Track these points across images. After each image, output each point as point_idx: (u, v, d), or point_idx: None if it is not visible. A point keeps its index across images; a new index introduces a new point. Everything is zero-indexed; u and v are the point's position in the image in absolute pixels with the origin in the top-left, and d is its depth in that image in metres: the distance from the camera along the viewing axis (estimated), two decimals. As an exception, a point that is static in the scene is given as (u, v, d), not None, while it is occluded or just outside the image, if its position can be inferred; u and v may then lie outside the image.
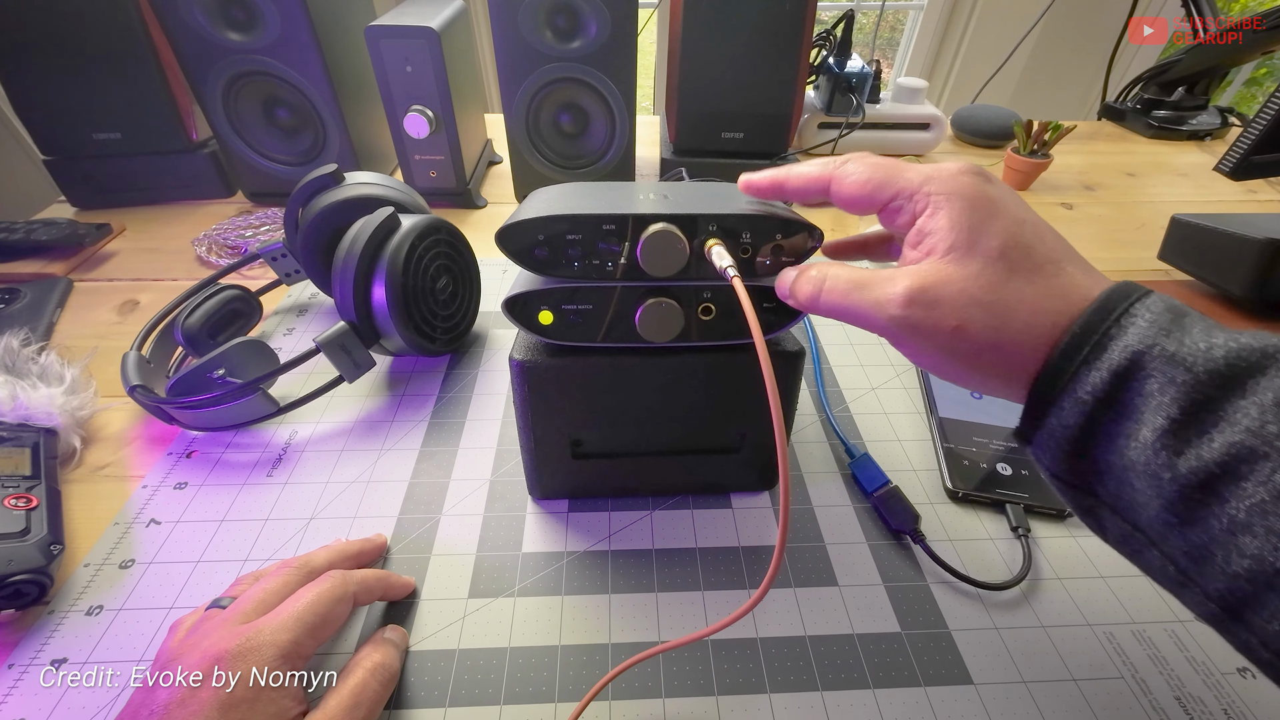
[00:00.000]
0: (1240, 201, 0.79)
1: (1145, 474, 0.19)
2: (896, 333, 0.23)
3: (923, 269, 0.23)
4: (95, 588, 0.33)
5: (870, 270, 0.24)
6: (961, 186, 0.23)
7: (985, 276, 0.22)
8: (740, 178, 0.29)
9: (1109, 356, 0.19)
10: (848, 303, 0.24)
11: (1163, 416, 0.18)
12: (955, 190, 0.23)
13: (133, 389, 0.41)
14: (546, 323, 0.31)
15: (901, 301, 0.22)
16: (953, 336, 0.22)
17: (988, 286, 0.22)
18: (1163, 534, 0.19)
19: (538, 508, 0.38)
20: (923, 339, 0.23)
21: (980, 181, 0.23)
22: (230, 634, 0.25)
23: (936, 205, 0.23)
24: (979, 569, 0.35)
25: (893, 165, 0.25)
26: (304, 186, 0.47)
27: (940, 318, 0.22)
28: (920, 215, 0.24)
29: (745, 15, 0.61)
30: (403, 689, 0.29)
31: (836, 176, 0.26)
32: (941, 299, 0.22)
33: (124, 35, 0.61)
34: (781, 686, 0.30)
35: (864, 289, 0.24)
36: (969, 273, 0.22)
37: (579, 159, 0.68)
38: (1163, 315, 0.20)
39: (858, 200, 0.25)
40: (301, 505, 0.38)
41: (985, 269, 0.22)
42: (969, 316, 0.22)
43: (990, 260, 0.22)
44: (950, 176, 0.23)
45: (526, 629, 0.32)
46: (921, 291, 0.22)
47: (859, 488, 0.39)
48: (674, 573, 0.35)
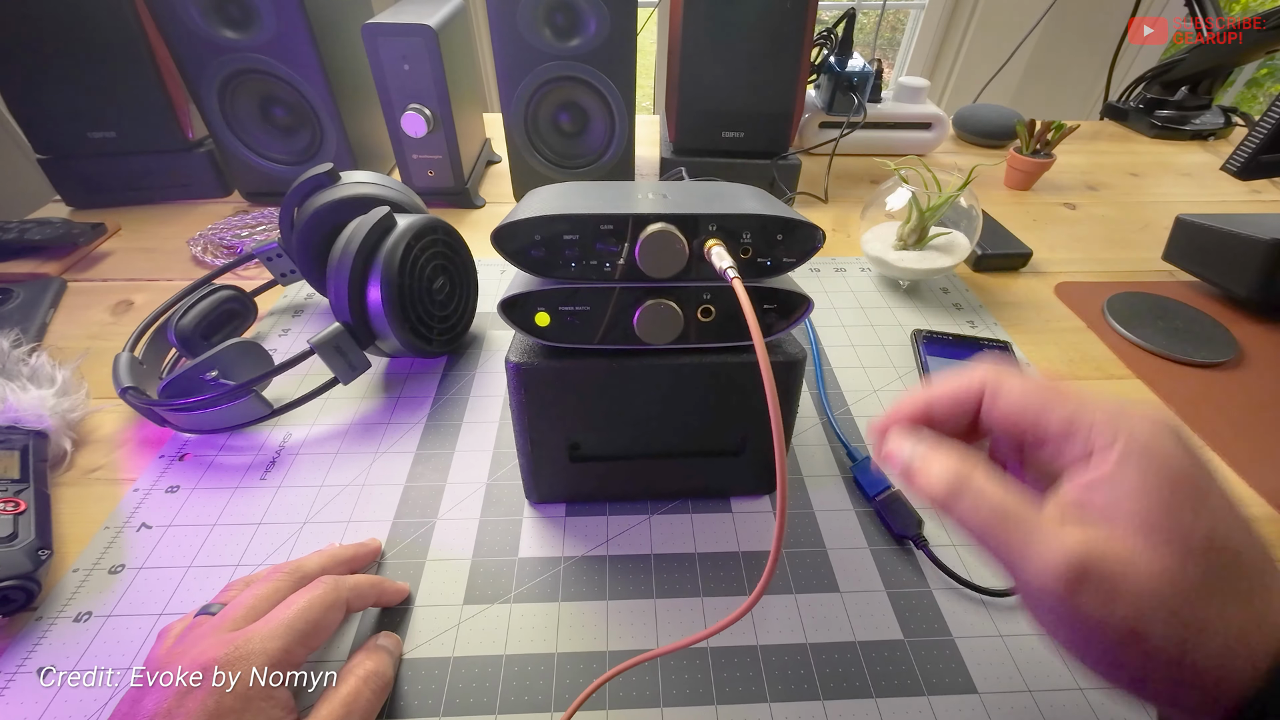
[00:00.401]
0: (1245, 201, 0.78)
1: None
2: (1044, 600, 0.18)
3: (1100, 539, 0.18)
4: (84, 593, 0.33)
5: (1026, 503, 0.19)
6: (1159, 445, 0.19)
7: (1184, 578, 0.17)
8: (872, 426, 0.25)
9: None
10: (989, 531, 0.19)
11: None
12: (1151, 447, 0.19)
13: (124, 391, 0.40)
14: (543, 324, 0.30)
15: (1068, 569, 0.17)
16: (1124, 640, 0.17)
17: (1185, 593, 0.17)
18: None
19: (535, 512, 0.38)
20: (1079, 625, 0.18)
21: (1181, 447, 0.19)
22: (220, 641, 0.24)
23: (1125, 455, 0.19)
24: (983, 575, 0.34)
25: (1064, 388, 0.21)
26: (299, 186, 0.46)
27: (1113, 613, 0.17)
28: (1098, 456, 0.19)
29: (746, 14, 0.60)
30: (396, 697, 0.29)
31: (993, 386, 0.22)
32: (1121, 591, 0.17)
33: (120, 34, 0.60)
34: (782, 695, 0.29)
35: (1017, 529, 0.19)
36: (1162, 566, 0.17)
37: (578, 158, 0.67)
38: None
39: (1022, 416, 0.21)
40: (295, 509, 0.37)
41: (1185, 568, 0.17)
42: (1153, 622, 0.17)
43: (1193, 557, 0.17)
44: (1144, 425, 0.19)
45: (522, 636, 0.31)
46: (1098, 568, 0.17)
47: (861, 492, 0.39)
48: (673, 578, 0.34)
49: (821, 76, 0.82)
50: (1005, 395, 0.22)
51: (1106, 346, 0.52)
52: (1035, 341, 0.52)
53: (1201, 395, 0.47)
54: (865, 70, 0.77)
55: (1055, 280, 0.61)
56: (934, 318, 0.54)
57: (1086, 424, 0.20)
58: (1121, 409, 0.20)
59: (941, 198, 0.53)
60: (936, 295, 0.57)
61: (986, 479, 0.20)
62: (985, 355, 0.49)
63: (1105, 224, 0.72)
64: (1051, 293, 0.59)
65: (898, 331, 0.53)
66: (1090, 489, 0.19)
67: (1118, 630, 0.17)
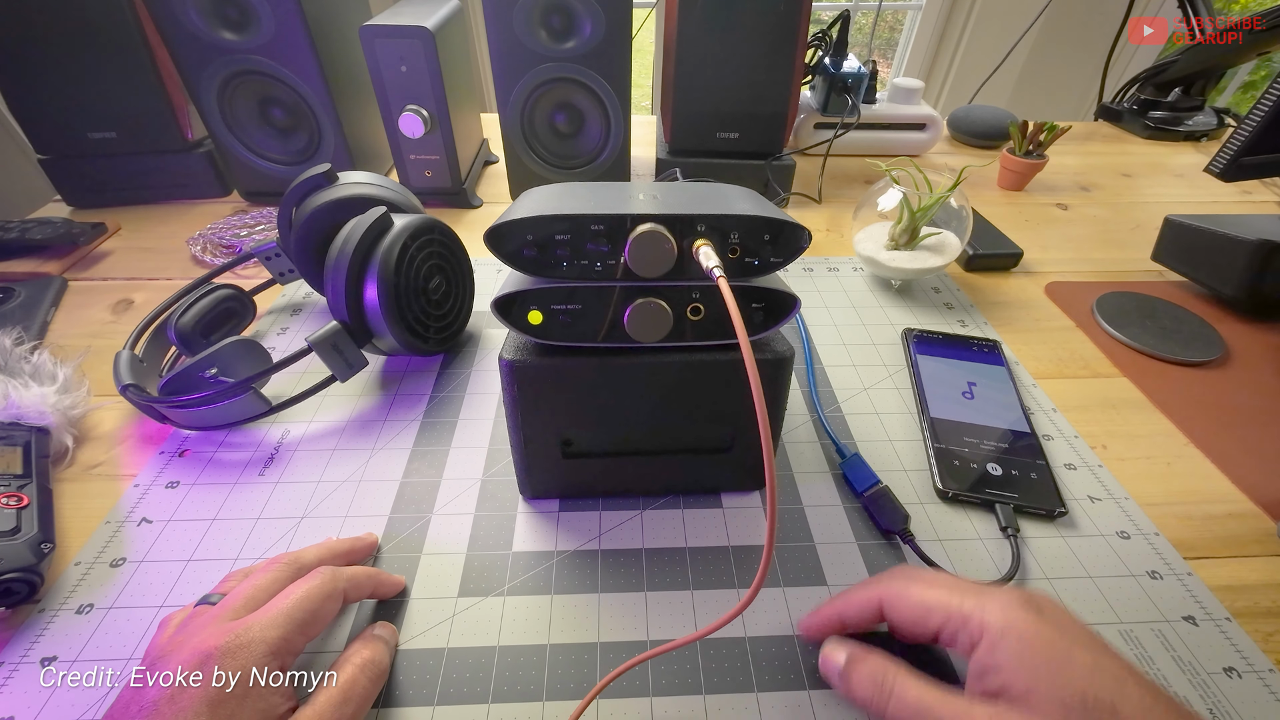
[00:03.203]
0: (1235, 202, 0.79)
1: None
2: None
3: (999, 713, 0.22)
4: (86, 586, 0.33)
5: (942, 696, 0.24)
6: (1016, 621, 0.23)
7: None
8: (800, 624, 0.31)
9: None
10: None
11: None
12: (1011, 623, 0.23)
13: (125, 388, 0.41)
14: (536, 323, 0.31)
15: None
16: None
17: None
18: None
19: (528, 507, 0.38)
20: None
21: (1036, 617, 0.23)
22: (219, 630, 0.25)
23: (1002, 638, 0.23)
24: (968, 569, 0.35)
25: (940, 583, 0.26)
26: (297, 186, 0.47)
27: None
28: (983, 644, 0.24)
29: (741, 15, 0.61)
30: (391, 687, 0.30)
31: (887, 599, 0.27)
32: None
33: (120, 35, 0.61)
34: (769, 685, 0.30)
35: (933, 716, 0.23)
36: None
37: (574, 159, 0.68)
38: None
39: (912, 625, 0.26)
40: (293, 504, 0.38)
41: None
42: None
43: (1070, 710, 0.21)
44: (1001, 608, 0.24)
45: (516, 628, 0.32)
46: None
47: (849, 487, 0.39)
48: (663, 572, 0.35)
49: (816, 78, 0.82)
50: (896, 609, 0.27)
51: (1095, 345, 0.53)
52: (1025, 340, 0.53)
53: (1188, 393, 0.48)
54: (860, 71, 0.78)
55: (1046, 280, 0.61)
56: (925, 317, 0.55)
57: (960, 617, 0.24)
58: (979, 601, 0.24)
59: (932, 198, 0.53)
60: (928, 295, 0.58)
61: (907, 681, 0.25)
62: (975, 355, 0.49)
63: (1096, 224, 0.73)
64: (1042, 292, 0.60)
65: (889, 330, 0.53)
66: (982, 672, 0.23)
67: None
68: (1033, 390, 0.47)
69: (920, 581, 0.27)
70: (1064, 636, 0.23)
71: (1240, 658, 0.31)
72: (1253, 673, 0.30)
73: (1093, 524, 0.38)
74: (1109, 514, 0.38)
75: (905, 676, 0.25)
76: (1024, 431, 0.43)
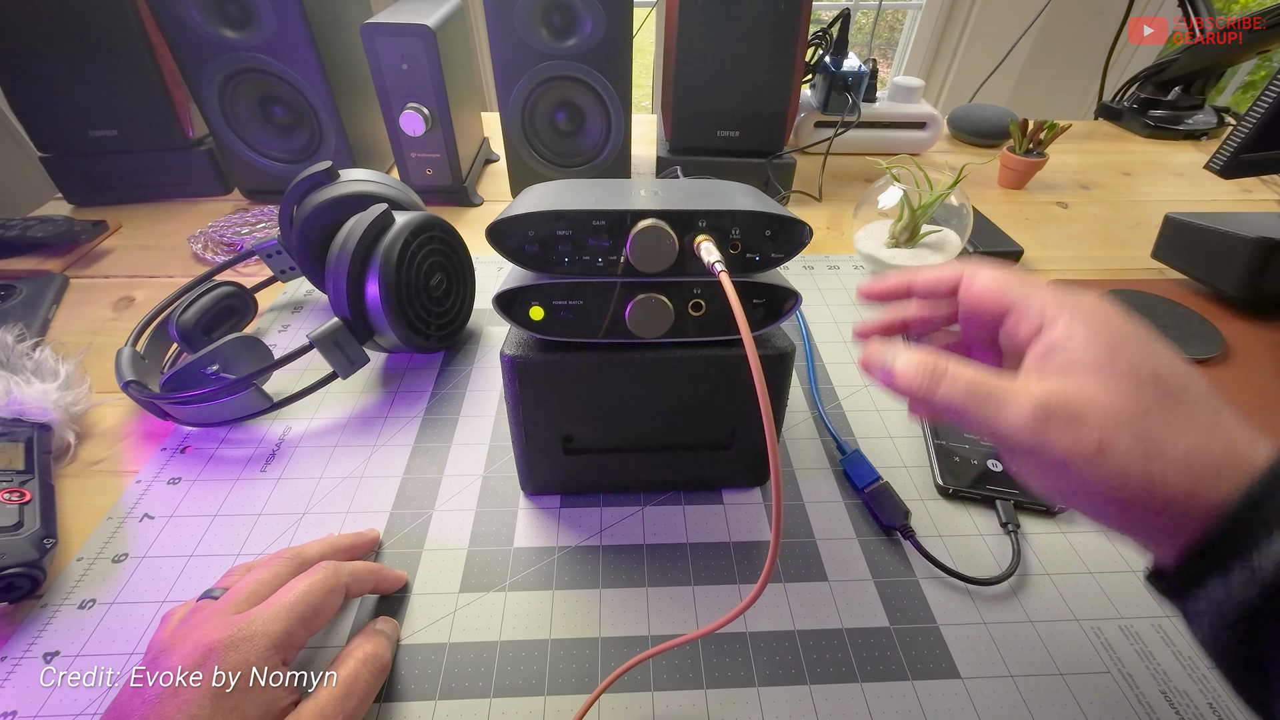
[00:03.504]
0: (1235, 200, 0.79)
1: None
2: (1023, 441, 0.20)
3: (1061, 382, 0.20)
4: (88, 581, 0.34)
5: (993, 373, 0.22)
6: (1100, 309, 0.22)
7: (1138, 399, 0.19)
8: (861, 286, 0.29)
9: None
10: (968, 401, 0.22)
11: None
12: (1093, 310, 0.22)
13: (127, 384, 0.41)
14: (537, 318, 0.31)
15: (1035, 410, 0.20)
16: (1094, 458, 0.19)
17: (1140, 411, 0.19)
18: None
19: (530, 503, 0.38)
20: (1054, 456, 0.20)
21: (1120, 311, 0.22)
22: (222, 624, 0.25)
23: (1074, 320, 0.21)
24: (968, 564, 0.35)
25: (1025, 275, 0.24)
26: (298, 184, 0.47)
27: (1080, 436, 0.19)
28: (1051, 327, 0.22)
29: (741, 14, 0.61)
30: (393, 682, 0.30)
31: (969, 273, 0.25)
32: (1084, 415, 0.19)
33: (121, 33, 0.61)
34: (770, 680, 0.30)
35: (988, 389, 0.21)
36: (1118, 392, 0.19)
37: (575, 157, 0.68)
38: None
39: (987, 298, 0.24)
40: (294, 500, 0.38)
41: (1137, 391, 0.19)
42: (1116, 438, 0.19)
43: (1143, 384, 0.19)
44: (1085, 298, 0.22)
45: (517, 623, 0.32)
46: (1062, 403, 0.20)
47: (850, 484, 0.39)
48: (665, 568, 0.35)
49: (817, 76, 0.82)
50: (978, 281, 0.25)
51: (1095, 343, 0.53)
52: (1025, 338, 0.53)
53: (1187, 390, 0.48)
54: (860, 70, 0.78)
55: (1046, 278, 0.61)
56: (925, 314, 0.55)
57: (1039, 303, 0.23)
58: (1068, 290, 0.23)
59: (932, 196, 0.53)
60: (928, 292, 0.58)
61: (960, 364, 0.22)
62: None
63: (1097, 222, 0.73)
64: (1042, 290, 0.60)
65: (889, 328, 0.53)
66: (1047, 351, 0.22)
67: (1087, 451, 0.19)
68: (1033, 387, 0.47)
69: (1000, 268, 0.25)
70: (1144, 328, 0.21)
71: (1240, 653, 0.31)
72: (1252, 667, 0.31)
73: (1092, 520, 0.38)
74: (1109, 510, 0.38)
75: (957, 360, 0.23)
76: (1024, 428, 0.43)
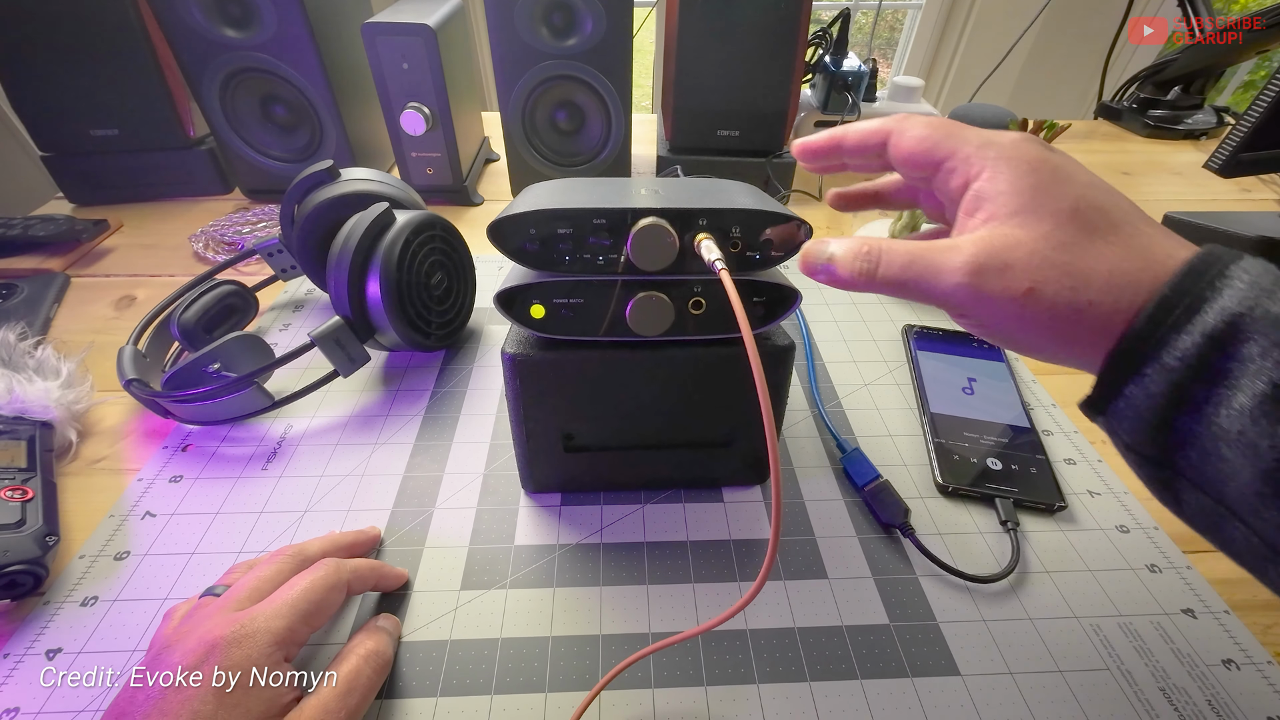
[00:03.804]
0: (1235, 200, 0.79)
1: (1239, 444, 0.18)
2: (963, 302, 0.22)
3: (987, 233, 0.22)
4: (90, 579, 0.34)
5: (924, 241, 0.23)
6: (1023, 152, 0.22)
7: (1058, 236, 0.21)
8: (795, 143, 0.29)
9: (1203, 319, 0.18)
10: (906, 276, 0.23)
11: (1263, 381, 0.17)
12: (1016, 155, 0.22)
13: (128, 383, 0.41)
14: (538, 316, 0.31)
15: (967, 268, 0.21)
16: (1026, 301, 0.21)
17: (1062, 246, 0.20)
18: (1254, 507, 0.18)
19: (530, 501, 0.38)
20: (992, 306, 0.21)
21: (1041, 148, 0.23)
22: (224, 620, 0.25)
23: (996, 169, 0.22)
24: (968, 562, 0.35)
25: (952, 125, 0.24)
26: (299, 183, 0.47)
27: (1011, 281, 0.21)
28: (976, 179, 0.23)
29: (741, 14, 0.61)
30: (395, 679, 0.30)
31: (896, 131, 0.25)
32: (1012, 262, 0.21)
33: (122, 32, 0.61)
34: (770, 677, 0.30)
35: (922, 260, 0.22)
36: (1040, 233, 0.21)
37: (575, 156, 0.68)
38: (1264, 276, 0.19)
39: (914, 156, 0.24)
40: (296, 498, 0.38)
41: (1058, 229, 0.21)
42: (1043, 278, 0.20)
43: (1062, 220, 0.21)
44: (1010, 143, 0.23)
45: (518, 620, 0.32)
46: (990, 256, 0.21)
47: (850, 482, 0.40)
48: (665, 565, 0.35)
49: (817, 76, 0.82)
50: (905, 137, 0.25)
51: (1094, 342, 0.53)
52: (1024, 337, 0.53)
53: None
54: (860, 70, 0.78)
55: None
56: (925, 313, 0.55)
57: (965, 154, 0.23)
58: (992, 135, 0.23)
59: (932, 195, 0.53)
60: (928, 291, 0.58)
61: (891, 242, 0.23)
62: (975, 351, 0.50)
63: (1096, 222, 0.73)
64: (1041, 289, 0.60)
65: (889, 326, 0.54)
66: (975, 202, 0.22)
67: (1019, 296, 0.21)
68: (1033, 386, 0.48)
69: (929, 120, 0.25)
70: (1067, 164, 0.22)
71: (1239, 650, 0.31)
72: (1251, 665, 0.31)
73: (1092, 518, 0.38)
74: (1108, 508, 0.38)
75: (893, 241, 0.24)
76: (1024, 427, 0.43)
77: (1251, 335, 0.18)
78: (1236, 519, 0.19)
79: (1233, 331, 0.18)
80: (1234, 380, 0.18)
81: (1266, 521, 0.18)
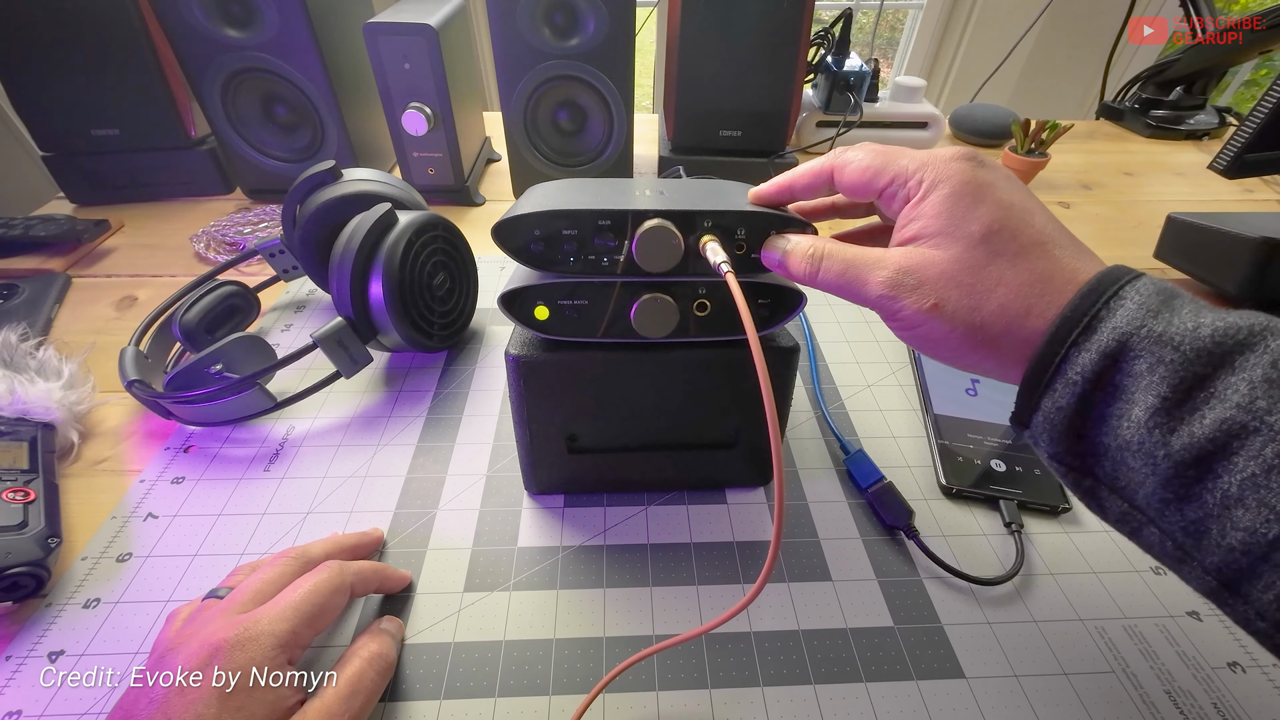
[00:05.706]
0: (1237, 200, 0.79)
1: (1140, 453, 0.19)
2: (883, 310, 0.25)
3: (908, 252, 0.24)
4: (92, 581, 0.34)
5: (864, 250, 0.25)
6: (952, 173, 0.24)
7: (964, 259, 0.23)
8: (750, 193, 0.30)
9: (1098, 338, 0.20)
10: (841, 281, 0.25)
11: (1153, 395, 0.19)
12: (945, 176, 0.24)
13: (130, 384, 0.41)
14: (542, 318, 0.31)
15: (886, 282, 0.24)
16: (931, 314, 0.23)
17: (966, 269, 0.22)
18: (1160, 511, 0.20)
19: (534, 503, 0.38)
20: (905, 318, 0.24)
21: (972, 167, 0.24)
22: (228, 623, 0.25)
23: (926, 191, 0.24)
24: (972, 564, 0.35)
25: (890, 152, 0.26)
26: (301, 183, 0.47)
27: (921, 297, 0.23)
28: (909, 199, 0.24)
29: (743, 14, 0.61)
30: (398, 681, 0.30)
31: (838, 165, 0.27)
32: (923, 280, 0.23)
33: (123, 32, 0.61)
34: (775, 680, 0.30)
35: (854, 268, 0.25)
36: (949, 255, 0.23)
37: (577, 156, 0.68)
38: (1151, 297, 0.20)
39: (859, 186, 0.26)
40: (298, 500, 0.38)
41: (965, 252, 0.23)
42: (945, 297, 0.23)
43: (971, 244, 0.23)
44: (943, 163, 0.24)
45: (521, 622, 0.32)
46: (905, 273, 0.23)
47: (854, 484, 0.39)
48: (669, 567, 0.35)
49: (819, 76, 0.82)
50: (846, 170, 0.26)
51: (1097, 343, 0.53)
52: (1027, 338, 0.53)
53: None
54: (862, 70, 0.78)
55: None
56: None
57: (903, 180, 0.25)
58: (928, 156, 0.25)
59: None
60: (931, 292, 0.58)
61: (836, 246, 0.26)
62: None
63: (1099, 222, 0.73)
64: (1044, 290, 0.59)
65: (892, 328, 0.53)
66: (907, 222, 0.24)
67: (925, 311, 0.23)
68: (1036, 387, 0.47)
69: (871, 148, 0.27)
70: (993, 182, 0.24)
71: (1244, 652, 0.31)
72: (1256, 667, 0.31)
73: (1096, 520, 0.38)
74: (1112, 510, 0.38)
75: (835, 244, 0.26)
76: (1027, 428, 0.43)
77: (1140, 353, 0.19)
78: (1150, 523, 0.20)
79: (1123, 349, 0.20)
80: (1129, 394, 0.20)
81: (1173, 524, 0.19)
